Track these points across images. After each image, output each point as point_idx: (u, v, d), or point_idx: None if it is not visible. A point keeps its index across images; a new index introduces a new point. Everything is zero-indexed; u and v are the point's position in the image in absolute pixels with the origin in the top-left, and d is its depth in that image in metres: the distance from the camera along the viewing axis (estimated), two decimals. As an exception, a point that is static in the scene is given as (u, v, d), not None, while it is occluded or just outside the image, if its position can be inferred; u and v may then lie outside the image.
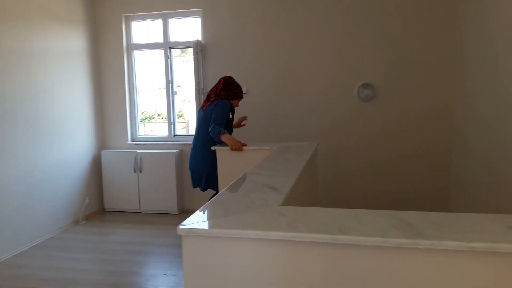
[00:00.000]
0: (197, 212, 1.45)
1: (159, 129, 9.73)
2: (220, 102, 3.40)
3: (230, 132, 3.59)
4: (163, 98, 5.27)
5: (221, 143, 3.29)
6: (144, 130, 9.64)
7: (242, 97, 3.66)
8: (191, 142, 5.08)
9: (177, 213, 5.11)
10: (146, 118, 9.94)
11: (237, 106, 3.68)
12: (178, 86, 9.04)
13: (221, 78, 3.63)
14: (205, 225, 1.32)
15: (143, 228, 4.62)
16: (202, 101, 4.78)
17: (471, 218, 1.31)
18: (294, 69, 4.70)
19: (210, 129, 3.30)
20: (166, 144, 5.23)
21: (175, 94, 5.26)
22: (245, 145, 3.20)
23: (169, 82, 5.17)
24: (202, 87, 4.77)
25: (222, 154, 3.20)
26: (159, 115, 9.76)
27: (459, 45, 4.08)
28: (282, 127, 4.77)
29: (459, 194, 4.09)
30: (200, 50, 4.75)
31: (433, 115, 4.38)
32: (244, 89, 4.78)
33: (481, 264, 1.12)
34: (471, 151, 3.70)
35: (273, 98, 4.78)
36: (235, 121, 3.98)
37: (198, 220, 1.36)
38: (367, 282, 1.20)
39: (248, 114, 4.82)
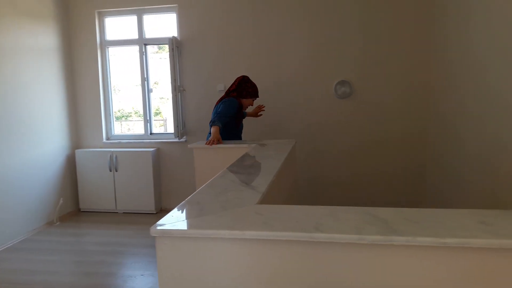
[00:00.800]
0: (171, 212, 1.43)
1: (137, 127, 9.59)
2: (227, 100, 3.54)
3: (237, 130, 3.67)
4: (140, 96, 5.18)
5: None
6: (121, 128, 9.48)
7: (257, 96, 3.72)
8: (169, 140, 5.06)
9: (154, 212, 5.04)
10: (123, 116, 9.77)
11: (251, 105, 3.73)
12: (155, 83, 8.92)
13: (237, 78, 3.72)
14: (179, 226, 1.29)
15: (120, 228, 4.54)
16: (179, 98, 4.73)
17: (444, 214, 1.33)
18: (272, 66, 4.69)
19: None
20: (142, 142, 5.15)
21: (151, 91, 5.18)
22: (221, 143, 3.19)
23: (144, 79, 5.08)
24: (178, 84, 4.71)
25: (199, 152, 3.16)
26: (136, 113, 9.60)
27: (434, 42, 4.14)
28: (260, 125, 4.76)
29: (435, 187, 4.17)
30: (176, 47, 4.68)
31: (408, 110, 4.44)
32: (221, 86, 4.76)
33: (454, 259, 1.13)
34: (446, 145, 3.78)
35: (251, 95, 4.76)
36: (251, 110, 4.08)
37: (172, 221, 1.33)
38: (344, 279, 1.20)
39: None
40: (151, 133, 5.23)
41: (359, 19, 4.47)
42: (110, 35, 5.18)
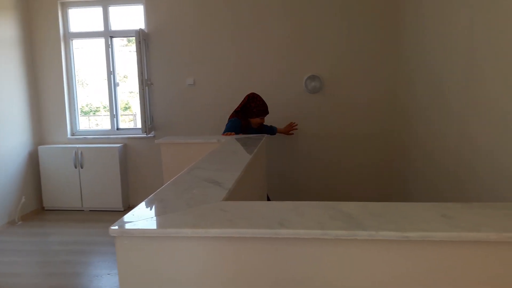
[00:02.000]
0: (132, 211, 1.37)
1: (106, 122, 9.34)
2: (230, 120, 3.64)
3: None
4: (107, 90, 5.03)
5: None
6: (89, 124, 9.20)
7: (264, 115, 3.69)
8: (136, 135, 4.94)
9: (122, 209, 4.94)
10: (91, 111, 9.49)
11: (262, 122, 3.72)
12: (125, 77, 8.71)
13: (247, 95, 3.75)
14: (139, 225, 1.24)
15: (86, 226, 4.42)
16: (147, 92, 4.62)
17: (408, 207, 1.33)
18: (242, 61, 4.65)
19: None
20: (108, 138, 5.01)
21: (118, 85, 5.04)
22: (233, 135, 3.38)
23: (110, 72, 4.94)
24: (146, 77, 4.61)
25: (166, 147, 3.09)
26: (105, 107, 9.36)
27: (401, 39, 4.21)
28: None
29: (403, 181, 4.26)
30: (143, 39, 4.57)
31: (377, 105, 4.51)
32: (190, 81, 4.68)
33: (417, 252, 1.14)
34: (415, 138, 3.85)
35: (221, 90, 4.71)
36: (282, 127, 4.23)
37: (132, 220, 1.28)
38: (309, 274, 1.19)
39: (196, 106, 4.73)
40: (118, 129, 5.10)
41: (330, 14, 4.48)
42: (74, 27, 5.00)
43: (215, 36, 4.66)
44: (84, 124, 8.85)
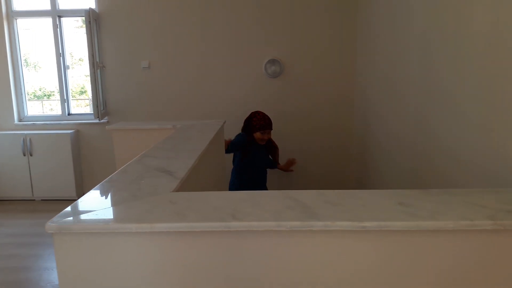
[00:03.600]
0: (74, 204, 1.26)
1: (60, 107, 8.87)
2: (237, 134, 3.68)
3: (246, 162, 3.62)
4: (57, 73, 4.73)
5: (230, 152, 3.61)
6: (43, 109, 8.72)
7: (265, 129, 3.57)
8: (89, 121, 4.69)
9: (76, 198, 4.69)
10: (45, 95, 8.99)
11: (263, 138, 3.60)
12: (80, 60, 8.27)
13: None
14: (79, 220, 1.14)
15: (37, 217, 4.19)
16: (98, 75, 4.38)
17: (365, 195, 1.30)
18: (200, 44, 4.49)
19: None
20: (59, 124, 4.74)
21: (68, 68, 4.76)
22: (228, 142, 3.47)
23: (60, 55, 4.65)
24: (97, 60, 4.36)
25: (118, 134, 2.94)
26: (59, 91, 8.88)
27: (360, 23, 4.20)
28: (187, 104, 4.58)
29: (362, 165, 4.31)
30: (94, 20, 4.31)
31: (337, 90, 4.50)
32: (145, 63, 4.48)
33: (374, 242, 1.10)
34: (371, 125, 3.88)
35: (178, 73, 4.54)
36: (283, 164, 4.14)
37: (72, 215, 1.17)
38: (264, 268, 1.13)
39: (151, 91, 4.56)
40: (69, 114, 4.83)
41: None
42: (18, 5, 4.64)
43: (171, 17, 4.46)
44: (37, 109, 8.39)
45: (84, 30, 7.63)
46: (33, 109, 7.60)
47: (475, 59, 1.84)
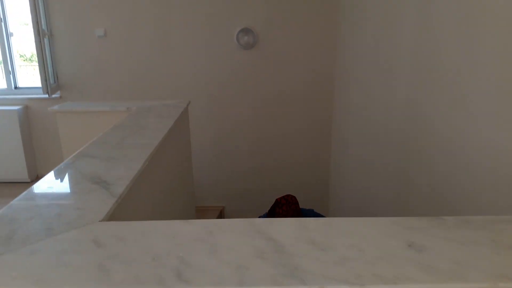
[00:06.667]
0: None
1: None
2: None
3: None
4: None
5: None
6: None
7: None
8: (39, 96, 4.17)
9: (29, 181, 4.31)
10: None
11: None
12: (25, 24, 7.50)
13: (276, 199, 3.20)
14: None
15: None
16: (46, 44, 3.85)
17: (361, 228, 0.97)
18: (163, 9, 3.97)
19: None
20: (5, 99, 4.21)
21: (12, 35, 4.18)
22: None
23: (0, 20, 4.05)
24: (43, 27, 3.80)
25: (63, 117, 2.50)
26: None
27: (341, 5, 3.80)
28: (149, 79, 4.11)
29: (340, 155, 4.02)
30: (39, -21, 3.73)
31: (315, 62, 4.11)
32: (100, 32, 3.97)
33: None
34: (351, 103, 3.57)
35: (138, 44, 4.04)
36: None
37: None
38: None
39: (108, 63, 4.08)
40: (16, 87, 4.29)
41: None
42: None
43: (131, -22, 3.92)
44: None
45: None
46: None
47: (489, 26, 1.50)
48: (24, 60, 8.26)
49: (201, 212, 4.21)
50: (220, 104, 4.19)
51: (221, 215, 4.42)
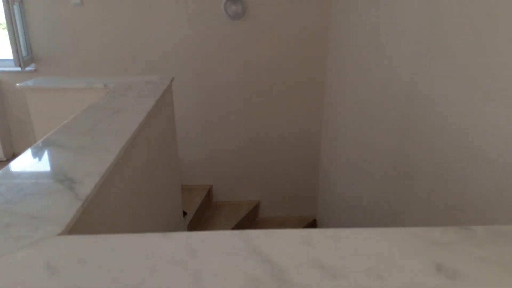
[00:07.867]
0: None
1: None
2: None
3: None
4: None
5: None
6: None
7: None
8: (10, 68, 3.88)
9: (4, 159, 4.09)
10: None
11: None
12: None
13: None
14: None
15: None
16: (16, 12, 3.53)
17: (378, 245, 0.80)
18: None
19: None
20: (-26, 72, 3.92)
21: (-21, 2, 3.83)
22: None
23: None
24: (13, -7, 3.48)
25: (33, 95, 2.26)
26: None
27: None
28: (128, 52, 3.84)
29: (332, 139, 3.85)
30: None
31: (308, 35, 3.87)
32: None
33: None
34: (347, 88, 3.38)
35: (117, 12, 3.73)
36: None
37: None
38: None
39: (85, 33, 3.80)
40: (-14, 59, 4.00)
41: None
42: None
43: None
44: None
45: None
46: None
47: (498, 5, 1.32)
48: (3, 29, 7.79)
49: (188, 192, 4.05)
50: (206, 79, 3.96)
51: (208, 194, 4.27)
